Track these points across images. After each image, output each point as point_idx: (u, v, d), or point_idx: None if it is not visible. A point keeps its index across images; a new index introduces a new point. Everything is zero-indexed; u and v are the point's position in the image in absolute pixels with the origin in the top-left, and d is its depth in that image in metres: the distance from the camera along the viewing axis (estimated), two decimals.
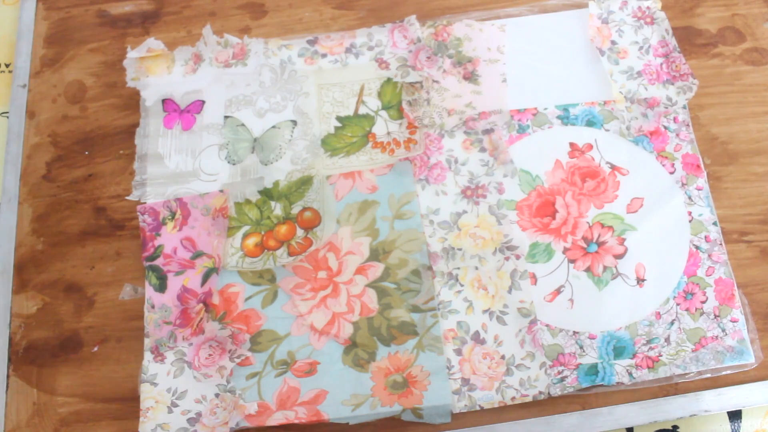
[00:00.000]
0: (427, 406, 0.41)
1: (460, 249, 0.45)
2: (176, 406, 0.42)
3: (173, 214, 0.47)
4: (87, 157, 0.50)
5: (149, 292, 0.45)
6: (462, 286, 0.44)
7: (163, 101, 0.50)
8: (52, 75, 0.52)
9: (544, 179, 0.47)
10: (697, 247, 0.45)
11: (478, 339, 0.43)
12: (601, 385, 0.42)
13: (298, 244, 0.46)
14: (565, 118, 0.48)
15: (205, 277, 0.45)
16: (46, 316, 0.46)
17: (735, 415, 0.43)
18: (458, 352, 0.43)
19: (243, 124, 0.49)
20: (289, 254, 0.45)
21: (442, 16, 0.52)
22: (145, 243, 0.46)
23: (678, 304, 0.43)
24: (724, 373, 0.42)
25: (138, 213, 0.47)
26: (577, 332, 0.43)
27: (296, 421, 0.41)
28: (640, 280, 0.44)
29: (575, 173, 0.47)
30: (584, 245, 0.45)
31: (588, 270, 0.44)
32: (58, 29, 0.54)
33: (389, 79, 0.50)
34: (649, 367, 0.42)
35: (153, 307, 0.45)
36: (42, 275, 0.47)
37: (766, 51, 0.50)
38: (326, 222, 0.46)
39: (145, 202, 0.47)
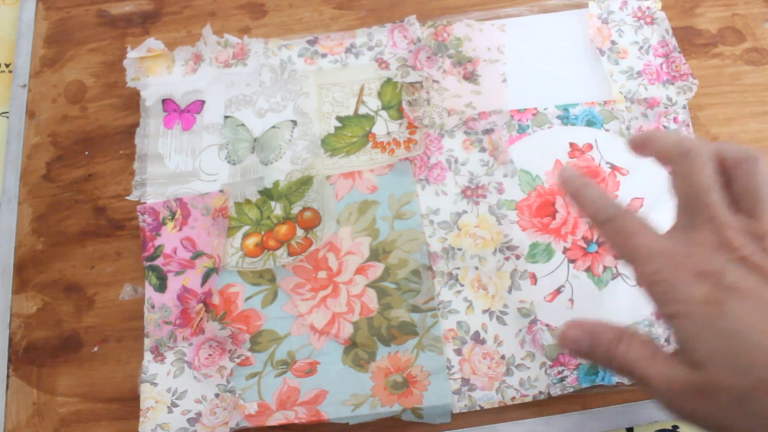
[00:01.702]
0: (427, 406, 0.41)
1: (460, 249, 0.45)
2: (176, 406, 0.42)
3: (173, 214, 0.47)
4: (87, 157, 0.50)
5: (149, 292, 0.45)
6: (462, 286, 0.44)
7: (163, 101, 0.50)
8: (52, 75, 0.52)
9: (544, 179, 0.47)
10: None
11: (478, 339, 0.43)
12: (601, 385, 0.42)
13: (298, 244, 0.46)
14: (565, 118, 0.48)
15: (205, 277, 0.45)
16: (46, 316, 0.46)
17: None
18: (458, 352, 0.43)
19: (243, 124, 0.49)
20: (289, 254, 0.45)
21: (442, 16, 0.52)
22: (145, 243, 0.46)
23: None
24: None
25: (138, 213, 0.47)
26: None
27: (296, 421, 0.41)
28: None
29: None
30: (584, 245, 0.45)
31: (588, 270, 0.44)
32: (58, 29, 0.54)
33: (389, 79, 0.50)
34: None
35: (153, 307, 0.45)
36: (42, 275, 0.47)
37: (766, 51, 0.50)
38: (326, 222, 0.46)
39: (145, 202, 0.47)
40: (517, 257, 0.44)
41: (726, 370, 0.26)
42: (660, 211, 0.45)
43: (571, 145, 0.47)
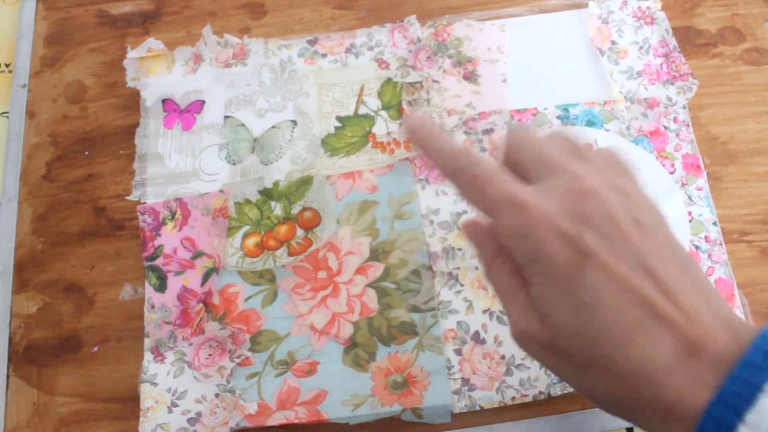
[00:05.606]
0: (427, 406, 0.41)
1: (460, 249, 0.45)
2: (176, 406, 0.42)
3: (173, 214, 0.47)
4: (87, 157, 0.50)
5: (149, 292, 0.45)
6: (462, 286, 0.44)
7: (163, 101, 0.50)
8: (52, 75, 0.52)
9: None
10: (697, 247, 0.45)
11: (478, 339, 0.43)
12: None
13: (298, 244, 0.46)
14: (565, 118, 0.48)
15: (205, 277, 0.45)
16: (46, 316, 0.46)
17: None
18: (458, 352, 0.43)
19: (243, 124, 0.49)
20: (289, 254, 0.45)
21: (442, 16, 0.52)
22: (145, 243, 0.46)
23: None
24: None
25: (138, 213, 0.47)
26: None
27: (296, 421, 0.41)
28: None
29: None
30: None
31: None
32: (58, 29, 0.54)
33: (389, 79, 0.50)
34: None
35: (153, 307, 0.45)
36: (42, 275, 0.47)
37: (766, 51, 0.50)
38: (326, 222, 0.46)
39: (145, 202, 0.47)
40: None
41: (573, 341, 0.27)
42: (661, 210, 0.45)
43: None
